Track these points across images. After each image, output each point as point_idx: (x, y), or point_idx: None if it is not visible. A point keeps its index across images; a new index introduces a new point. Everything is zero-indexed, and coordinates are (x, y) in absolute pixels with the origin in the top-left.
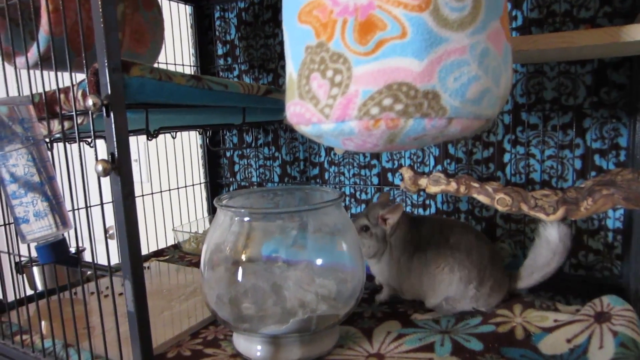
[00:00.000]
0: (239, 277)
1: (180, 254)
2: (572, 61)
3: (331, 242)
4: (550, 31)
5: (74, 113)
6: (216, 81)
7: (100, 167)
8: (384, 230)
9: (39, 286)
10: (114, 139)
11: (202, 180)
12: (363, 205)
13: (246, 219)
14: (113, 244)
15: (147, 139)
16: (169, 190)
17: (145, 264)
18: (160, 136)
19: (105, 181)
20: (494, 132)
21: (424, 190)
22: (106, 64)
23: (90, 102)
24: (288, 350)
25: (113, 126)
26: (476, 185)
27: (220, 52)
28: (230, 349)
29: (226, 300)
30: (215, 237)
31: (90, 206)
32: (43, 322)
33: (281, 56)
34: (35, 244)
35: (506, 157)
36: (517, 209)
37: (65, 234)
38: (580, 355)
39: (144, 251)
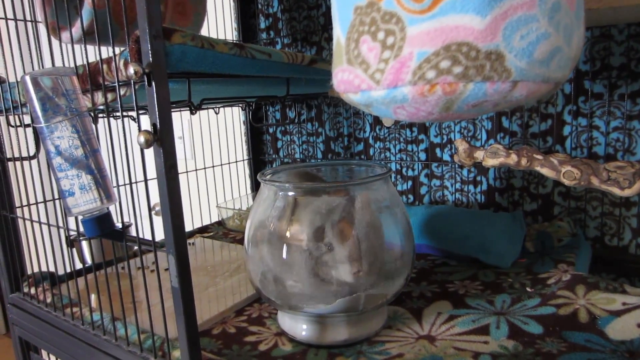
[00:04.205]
0: (284, 254)
1: (225, 231)
2: None
3: (379, 219)
4: None
5: (116, 84)
6: (259, 50)
7: (142, 139)
8: None
9: (88, 260)
10: (156, 109)
11: (245, 156)
12: (410, 182)
13: (290, 193)
14: (159, 220)
15: (191, 112)
16: (213, 166)
17: (190, 240)
18: (204, 112)
19: (150, 156)
20: (553, 103)
21: (479, 163)
22: (147, 31)
23: (131, 70)
24: (334, 331)
25: (155, 96)
26: (539, 157)
27: (262, 25)
28: (275, 327)
29: (270, 277)
30: (259, 213)
31: (136, 182)
32: (92, 296)
33: (325, 28)
34: (81, 217)
35: (566, 130)
36: (586, 183)
37: (112, 209)
38: None
39: (189, 227)
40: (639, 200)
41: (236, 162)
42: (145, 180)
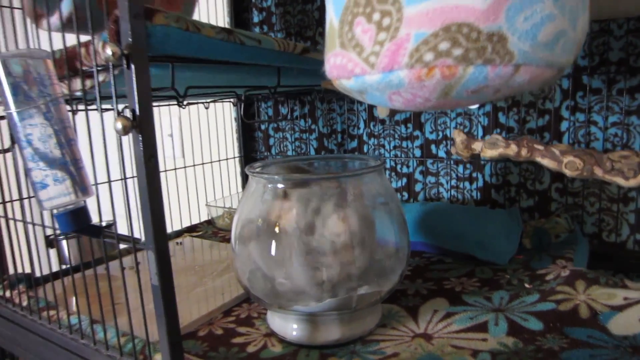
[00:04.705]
0: (273, 250)
1: (214, 230)
2: None
3: (372, 213)
4: None
5: (94, 68)
6: (249, 35)
7: (119, 125)
8: None
9: (69, 260)
10: (135, 94)
11: (237, 154)
12: (404, 180)
13: (280, 185)
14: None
15: (178, 102)
16: (202, 164)
17: (179, 240)
18: (194, 109)
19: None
20: (551, 99)
21: (477, 155)
22: (127, 10)
23: (109, 51)
24: (326, 330)
25: (134, 79)
26: (540, 147)
27: (255, 19)
28: (265, 327)
29: (259, 275)
30: (247, 208)
31: (120, 180)
32: (70, 298)
33: (319, 22)
34: (54, 211)
35: (564, 125)
36: (589, 174)
37: (89, 204)
38: None
39: (178, 226)
40: (637, 195)
41: (227, 159)
42: (125, 178)
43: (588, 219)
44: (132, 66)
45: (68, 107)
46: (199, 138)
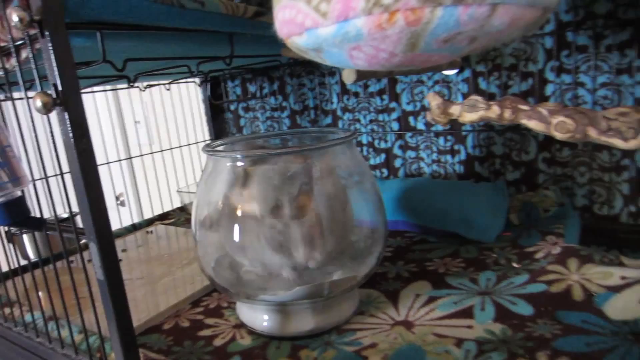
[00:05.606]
0: (236, 237)
1: (187, 217)
2: None
3: (343, 190)
4: None
5: (11, 43)
6: None
7: (39, 102)
8: None
9: (31, 255)
10: (55, 65)
11: (207, 137)
12: (383, 155)
13: (239, 163)
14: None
15: (130, 85)
16: (171, 149)
17: (150, 228)
18: (157, 94)
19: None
20: (534, 60)
21: (456, 120)
22: None
23: (15, 17)
24: (299, 320)
25: (51, 48)
26: (526, 107)
27: None
28: (234, 318)
29: (225, 264)
30: (206, 191)
31: (59, 174)
32: (30, 295)
33: None
34: None
35: (549, 89)
36: (582, 136)
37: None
38: None
39: (149, 214)
40: (630, 163)
41: (197, 143)
42: (61, 171)
43: (578, 191)
44: (47, 33)
45: None
46: (166, 123)
